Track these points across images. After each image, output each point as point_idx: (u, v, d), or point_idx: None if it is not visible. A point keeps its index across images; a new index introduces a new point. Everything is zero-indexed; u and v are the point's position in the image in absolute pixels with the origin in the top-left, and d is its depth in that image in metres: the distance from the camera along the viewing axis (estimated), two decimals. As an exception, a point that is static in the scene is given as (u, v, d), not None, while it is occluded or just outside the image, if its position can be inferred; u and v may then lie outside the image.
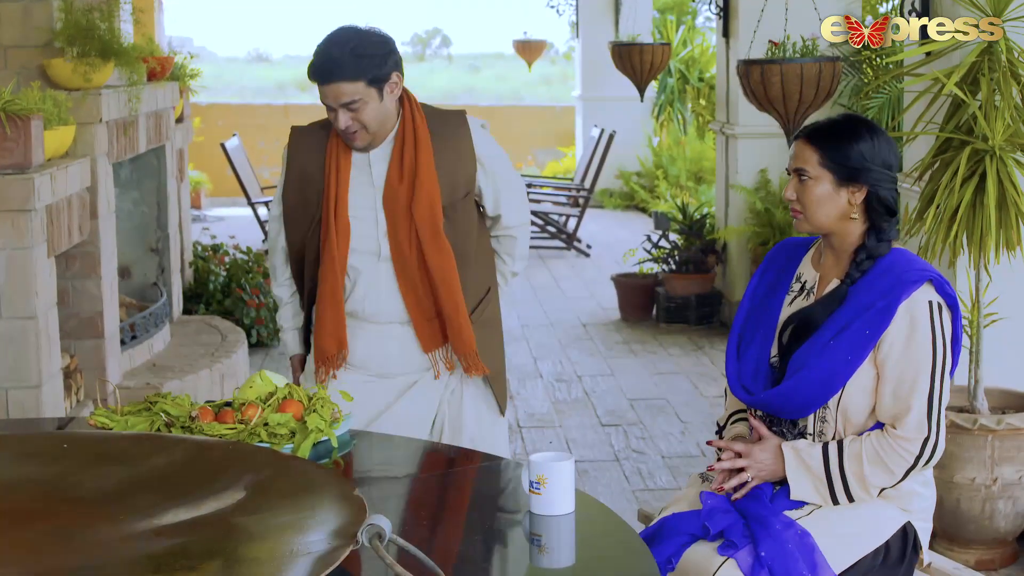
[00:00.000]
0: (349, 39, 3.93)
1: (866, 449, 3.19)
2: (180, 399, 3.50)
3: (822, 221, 3.33)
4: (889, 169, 3.29)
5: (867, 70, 8.78)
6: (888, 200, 3.28)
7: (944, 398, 3.20)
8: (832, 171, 3.28)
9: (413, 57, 49.84)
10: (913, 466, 3.20)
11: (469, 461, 3.43)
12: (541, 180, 14.84)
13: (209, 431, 3.31)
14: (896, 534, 3.30)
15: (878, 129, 3.32)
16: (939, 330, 3.18)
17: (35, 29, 6.32)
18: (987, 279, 4.76)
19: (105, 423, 3.41)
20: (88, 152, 6.32)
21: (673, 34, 15.78)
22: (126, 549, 2.56)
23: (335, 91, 3.92)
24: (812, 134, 3.32)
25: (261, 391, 3.51)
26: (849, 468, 3.21)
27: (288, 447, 3.31)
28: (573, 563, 2.88)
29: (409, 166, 4.00)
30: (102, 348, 6.60)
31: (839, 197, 3.28)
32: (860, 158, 3.26)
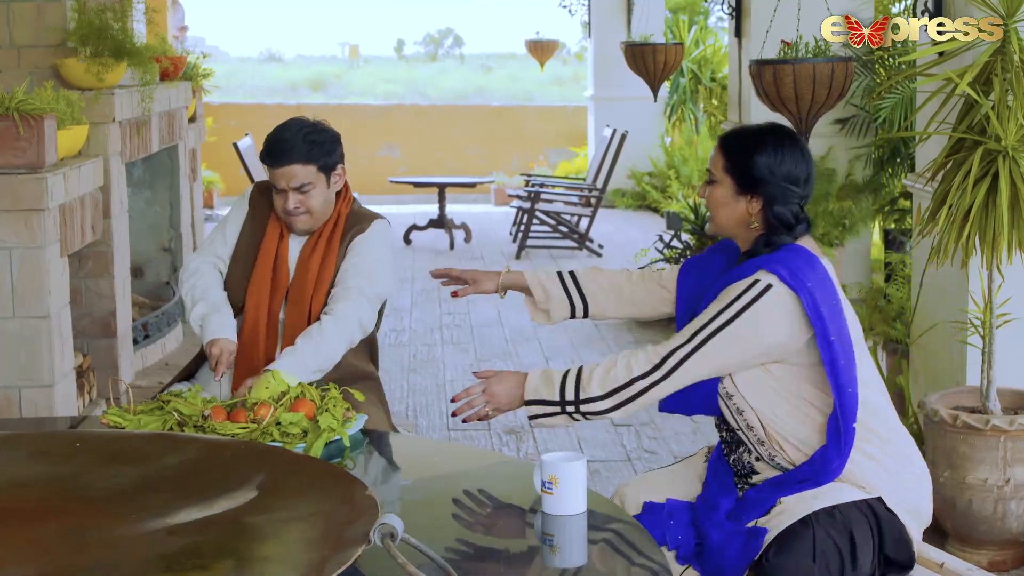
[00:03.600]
0: (302, 127, 4.20)
1: (608, 359, 3.33)
2: (192, 398, 3.50)
3: (723, 224, 3.37)
4: (792, 184, 3.28)
5: (880, 70, 8.76)
6: (782, 215, 3.28)
7: (699, 360, 3.22)
8: (733, 178, 3.32)
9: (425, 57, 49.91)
10: (644, 376, 3.25)
11: (481, 460, 3.43)
12: (553, 180, 14.83)
13: (221, 430, 3.32)
14: (865, 513, 3.24)
15: (789, 143, 3.31)
16: (740, 302, 3.18)
17: (48, 29, 6.34)
18: (999, 279, 4.76)
19: (118, 422, 3.41)
20: (101, 152, 6.33)
21: (685, 34, 15.77)
22: (138, 548, 2.57)
23: (288, 173, 4.17)
24: (725, 138, 3.37)
25: (274, 390, 3.52)
26: (592, 365, 3.31)
27: (300, 446, 3.31)
28: (585, 563, 2.88)
29: (320, 250, 4.24)
30: (115, 347, 6.62)
31: (738, 204, 3.32)
32: (759, 169, 3.27)
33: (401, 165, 18.46)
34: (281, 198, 4.17)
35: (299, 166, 4.15)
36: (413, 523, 2.89)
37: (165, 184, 8.07)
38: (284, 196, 4.17)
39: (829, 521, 3.19)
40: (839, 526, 3.19)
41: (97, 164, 5.83)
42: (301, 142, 4.15)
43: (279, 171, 4.15)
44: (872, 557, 3.22)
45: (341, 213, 4.29)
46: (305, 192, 4.17)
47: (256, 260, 4.27)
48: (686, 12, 16.53)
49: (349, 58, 49.14)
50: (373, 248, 4.28)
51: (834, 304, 3.22)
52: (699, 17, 16.53)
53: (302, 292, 4.22)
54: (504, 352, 8.42)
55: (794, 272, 3.18)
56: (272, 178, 4.17)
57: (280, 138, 4.16)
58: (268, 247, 4.27)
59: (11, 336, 5.16)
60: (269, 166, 4.16)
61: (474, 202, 17.03)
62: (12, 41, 6.34)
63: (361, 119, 18.99)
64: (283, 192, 4.16)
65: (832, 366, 3.18)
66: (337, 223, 4.28)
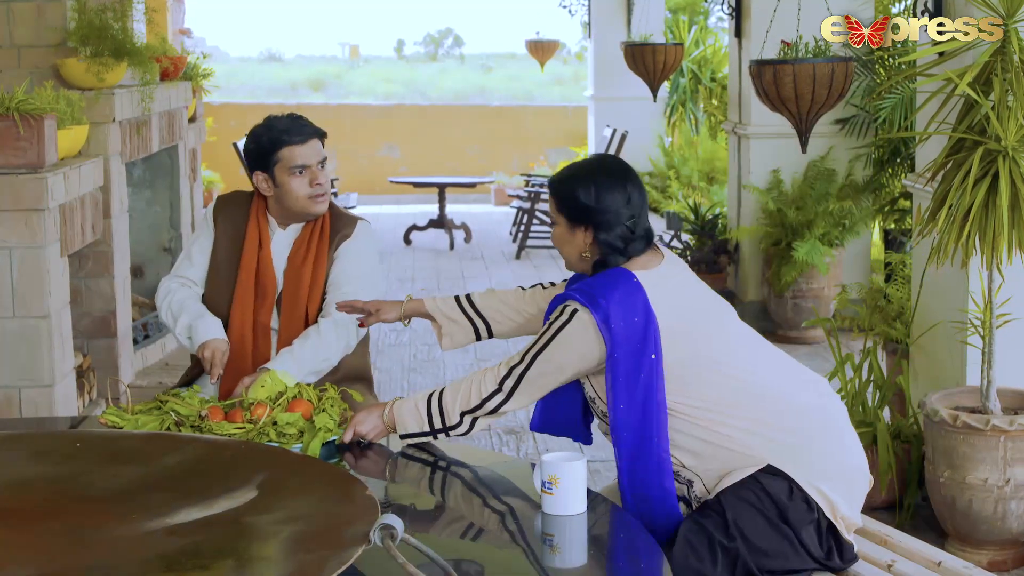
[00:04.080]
0: (292, 114, 4.27)
1: (464, 381, 3.42)
2: (190, 398, 3.51)
3: (569, 260, 3.54)
4: (612, 209, 3.42)
5: (880, 70, 8.77)
6: (609, 241, 3.42)
7: (528, 383, 3.35)
8: (563, 214, 3.48)
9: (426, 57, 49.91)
10: (490, 399, 3.36)
11: (481, 460, 3.43)
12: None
13: (219, 430, 3.33)
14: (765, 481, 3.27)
15: (605, 173, 3.47)
16: (552, 328, 3.34)
17: (48, 29, 6.34)
18: (999, 279, 4.76)
19: (116, 422, 3.42)
20: (101, 152, 6.33)
21: (685, 34, 15.77)
22: (138, 548, 2.57)
23: (314, 147, 4.22)
24: (552, 180, 3.54)
25: (271, 390, 3.52)
26: (446, 392, 3.42)
27: (297, 447, 3.31)
28: (585, 563, 2.88)
29: (312, 253, 4.24)
30: (115, 347, 6.62)
31: (574, 238, 3.48)
32: (580, 202, 3.43)
33: (401, 165, 18.46)
34: (306, 180, 4.17)
35: (317, 140, 4.22)
36: (413, 523, 2.89)
37: (165, 184, 8.07)
38: (310, 173, 4.17)
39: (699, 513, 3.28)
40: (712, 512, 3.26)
41: (97, 164, 5.83)
42: (306, 120, 4.23)
43: (305, 146, 4.17)
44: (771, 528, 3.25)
45: (324, 215, 4.29)
46: (324, 168, 4.21)
47: (238, 270, 4.25)
48: (686, 12, 16.53)
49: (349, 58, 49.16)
50: (362, 253, 4.31)
51: (634, 320, 3.31)
52: (699, 17, 16.53)
53: (296, 299, 4.21)
54: (503, 351, 8.42)
55: (591, 294, 3.32)
56: (295, 159, 4.16)
57: (289, 120, 4.20)
58: (249, 256, 4.24)
59: (11, 336, 5.16)
60: (295, 144, 4.15)
61: (474, 202, 17.03)
62: (12, 41, 6.34)
63: (361, 119, 19.00)
64: (306, 170, 4.16)
65: (613, 377, 3.29)
66: (323, 227, 4.27)
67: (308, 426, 3.39)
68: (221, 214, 4.33)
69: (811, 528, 3.28)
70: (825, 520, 3.30)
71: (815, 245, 8.22)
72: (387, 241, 13.54)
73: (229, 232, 4.30)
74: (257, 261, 4.24)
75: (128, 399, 3.56)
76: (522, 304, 3.80)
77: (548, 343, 3.33)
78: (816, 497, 3.28)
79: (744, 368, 3.41)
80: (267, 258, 4.25)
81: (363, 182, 17.75)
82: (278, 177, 4.19)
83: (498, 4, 77.30)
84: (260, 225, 4.27)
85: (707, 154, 14.78)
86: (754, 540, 3.20)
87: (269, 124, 4.22)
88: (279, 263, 4.27)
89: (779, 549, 3.23)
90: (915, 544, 3.57)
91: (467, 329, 3.82)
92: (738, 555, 3.18)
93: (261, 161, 4.22)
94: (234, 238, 4.29)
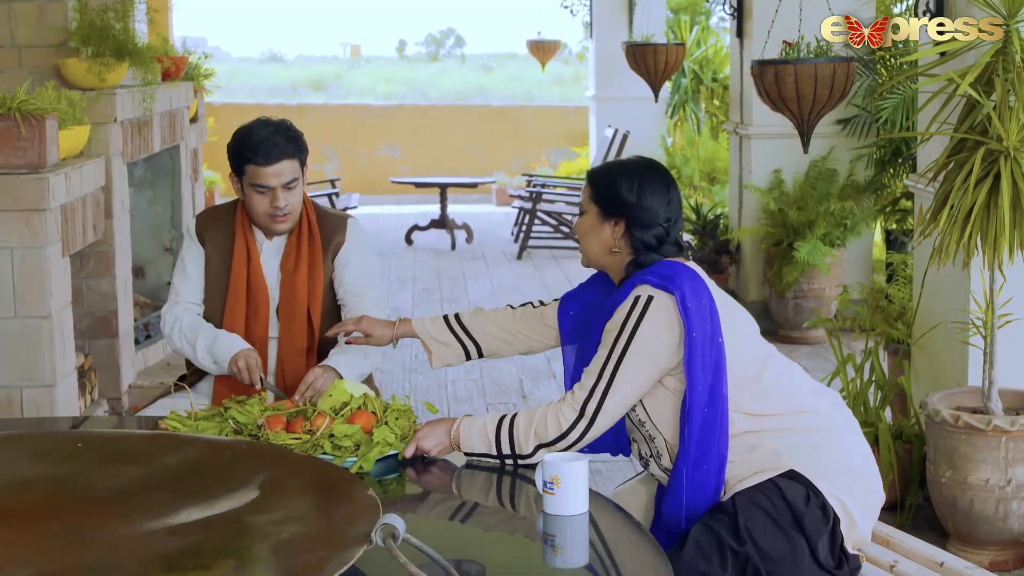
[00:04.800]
0: (276, 124, 4.16)
1: (538, 412, 3.30)
2: (252, 406, 3.45)
3: (591, 253, 3.51)
4: (652, 207, 3.41)
5: (881, 70, 8.76)
6: (645, 239, 3.41)
7: (617, 392, 3.28)
8: (597, 204, 3.46)
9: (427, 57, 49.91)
10: (566, 435, 3.27)
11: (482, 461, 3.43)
12: (555, 180, 14.83)
13: (275, 440, 3.26)
14: (786, 487, 3.26)
15: (649, 171, 3.46)
16: (632, 322, 3.27)
17: (50, 29, 6.34)
18: (1001, 280, 4.75)
19: (176, 427, 3.36)
20: (102, 152, 6.33)
21: (687, 34, 15.76)
22: (139, 548, 2.57)
23: (280, 170, 4.11)
24: (592, 171, 3.53)
25: (336, 400, 3.43)
26: (519, 421, 3.31)
27: (351, 460, 3.22)
28: (586, 563, 2.88)
29: (304, 258, 4.19)
30: (116, 347, 6.62)
31: (603, 230, 3.45)
32: (620, 193, 3.42)
33: (402, 165, 18.46)
34: (267, 199, 4.10)
35: (288, 162, 4.11)
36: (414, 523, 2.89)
37: (167, 184, 8.06)
38: (272, 195, 4.09)
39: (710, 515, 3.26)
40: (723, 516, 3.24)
41: (99, 164, 5.83)
42: (284, 138, 4.12)
43: (270, 169, 4.08)
44: (781, 536, 3.23)
45: (310, 217, 4.24)
46: (291, 188, 4.12)
47: (228, 286, 4.22)
48: (687, 12, 16.51)
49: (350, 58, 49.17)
50: (362, 254, 4.29)
51: (702, 302, 3.30)
52: (700, 17, 16.52)
53: (293, 307, 4.19)
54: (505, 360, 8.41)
55: (664, 277, 3.30)
56: (258, 178, 4.08)
57: (263, 136, 4.10)
58: (238, 271, 4.20)
59: (12, 336, 5.16)
60: (259, 165, 4.07)
61: (476, 202, 17.03)
62: (14, 41, 6.34)
63: (362, 119, 19.00)
64: (269, 192, 4.09)
65: (690, 356, 3.26)
66: (311, 230, 4.23)
67: (367, 439, 3.29)
68: (206, 232, 4.27)
69: (825, 538, 3.26)
70: (839, 532, 3.29)
71: (816, 245, 8.22)
72: (388, 241, 13.54)
73: (218, 248, 4.25)
74: (248, 275, 4.20)
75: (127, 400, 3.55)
76: (512, 324, 3.78)
77: (631, 340, 3.27)
78: (835, 506, 3.27)
79: (775, 376, 3.41)
80: (257, 271, 4.20)
81: (364, 182, 17.75)
82: (244, 188, 4.14)
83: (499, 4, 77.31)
84: (247, 238, 4.22)
85: (708, 154, 14.76)
86: (764, 545, 3.19)
87: (245, 135, 4.15)
88: (271, 273, 4.23)
89: (790, 556, 3.22)
90: (917, 544, 3.57)
91: (457, 351, 3.81)
92: (748, 559, 3.17)
93: (234, 167, 4.18)
94: (223, 254, 4.24)
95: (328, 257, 4.23)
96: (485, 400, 7.22)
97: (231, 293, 4.20)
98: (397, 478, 3.24)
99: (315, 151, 17.77)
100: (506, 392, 7.40)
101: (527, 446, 3.28)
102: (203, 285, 4.27)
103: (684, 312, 3.25)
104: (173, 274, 4.33)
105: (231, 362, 4.06)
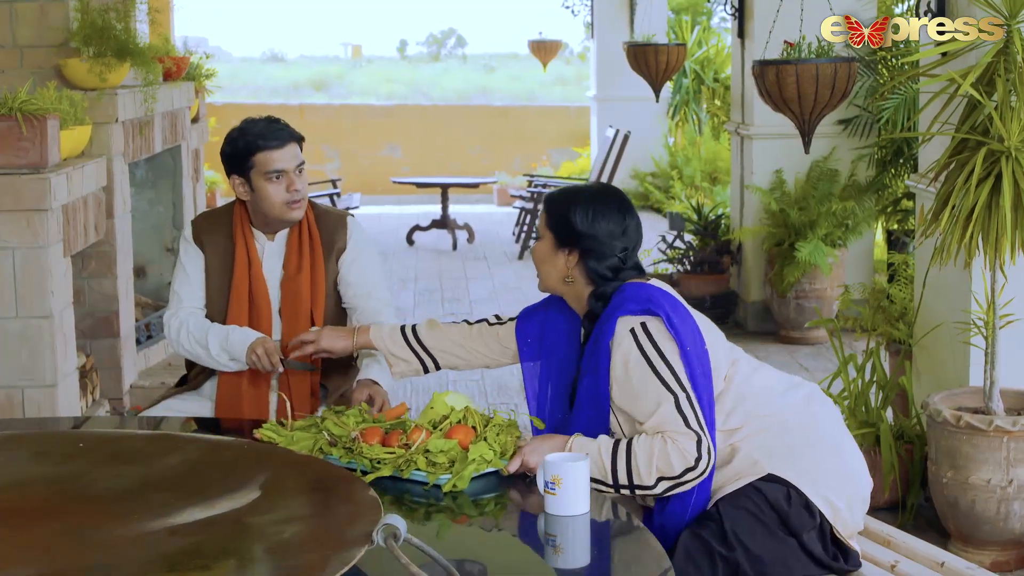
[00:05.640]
0: (269, 117, 4.19)
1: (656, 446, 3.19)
2: (347, 418, 3.37)
3: (546, 279, 3.49)
4: (607, 239, 3.39)
5: (883, 70, 8.76)
6: (598, 271, 3.39)
7: (695, 398, 3.24)
8: (552, 232, 3.44)
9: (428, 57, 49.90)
10: (695, 467, 3.19)
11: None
12: (556, 180, 14.83)
13: (368, 454, 3.17)
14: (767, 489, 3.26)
15: (605, 199, 3.44)
16: (651, 349, 3.25)
17: (51, 29, 6.34)
18: (1003, 280, 4.75)
19: (272, 437, 3.32)
20: (104, 152, 6.33)
21: (688, 34, 15.77)
22: (140, 548, 2.57)
23: (291, 152, 4.12)
24: (549, 196, 3.50)
25: (437, 414, 3.33)
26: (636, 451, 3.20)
27: (445, 477, 3.11)
28: (588, 563, 2.88)
29: (306, 259, 4.18)
30: (118, 347, 6.62)
31: (557, 259, 3.44)
32: (574, 224, 3.40)
33: (403, 165, 18.46)
34: (282, 186, 4.09)
35: (295, 145, 4.13)
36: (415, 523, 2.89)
37: (168, 184, 8.06)
38: (288, 180, 4.09)
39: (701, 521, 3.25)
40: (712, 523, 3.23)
41: (100, 164, 5.83)
42: (283, 125, 4.14)
43: (282, 151, 4.08)
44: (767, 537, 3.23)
45: (309, 217, 4.23)
46: (301, 172, 4.13)
47: (230, 291, 4.20)
48: (689, 12, 16.52)
49: (352, 58, 49.15)
50: (366, 253, 4.29)
51: (685, 314, 3.33)
52: (702, 17, 16.53)
53: (297, 308, 4.18)
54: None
55: (641, 301, 3.30)
56: (271, 164, 4.07)
57: (264, 124, 4.13)
58: (240, 276, 4.19)
59: (13, 336, 5.16)
60: (272, 149, 4.07)
61: (477, 202, 17.03)
62: (15, 41, 6.34)
63: (363, 119, 19.00)
64: (284, 177, 4.09)
65: (690, 371, 3.26)
66: (310, 230, 4.22)
67: (462, 456, 3.16)
68: (204, 236, 4.26)
69: (813, 533, 3.27)
70: (828, 524, 3.29)
71: (818, 245, 8.22)
72: (390, 241, 13.54)
73: (218, 253, 4.23)
74: (249, 278, 4.18)
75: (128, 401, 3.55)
76: (468, 341, 3.76)
77: (663, 356, 3.25)
78: (817, 502, 3.27)
79: (744, 379, 3.41)
80: (259, 274, 4.19)
81: (365, 182, 17.75)
82: (254, 182, 4.11)
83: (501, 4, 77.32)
84: (247, 241, 4.21)
85: (710, 154, 14.77)
86: (753, 549, 3.19)
87: (244, 128, 4.15)
88: (273, 275, 4.22)
89: (779, 557, 3.22)
90: (918, 545, 3.57)
91: (415, 365, 3.80)
92: (738, 565, 3.17)
93: (237, 165, 4.14)
94: (223, 258, 4.22)
95: (332, 257, 4.22)
96: (487, 400, 7.22)
97: (233, 297, 4.18)
98: (497, 497, 3.15)
99: (317, 151, 17.79)
100: (507, 392, 7.39)
101: (649, 478, 3.19)
102: (204, 289, 4.26)
103: (673, 330, 3.26)
104: (173, 280, 4.31)
105: (248, 351, 4.05)
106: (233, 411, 4.16)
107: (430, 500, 3.05)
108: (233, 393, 4.18)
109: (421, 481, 3.11)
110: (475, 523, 3.04)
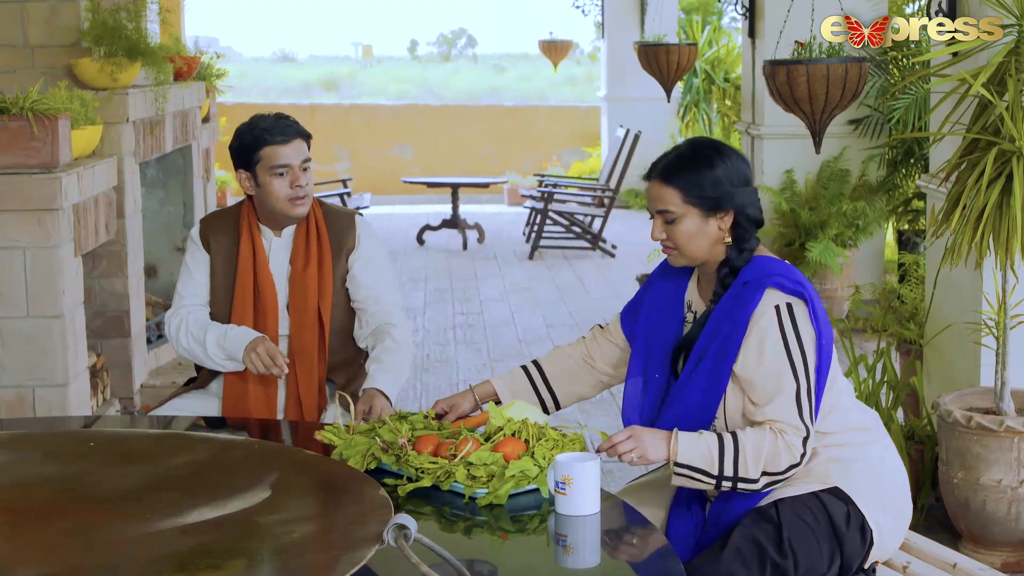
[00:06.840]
0: (278, 113, 4.20)
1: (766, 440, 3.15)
2: (402, 424, 3.32)
3: (697, 254, 3.34)
4: (748, 185, 3.32)
5: (893, 70, 8.75)
6: (755, 217, 3.32)
7: (815, 392, 3.20)
8: (696, 205, 3.28)
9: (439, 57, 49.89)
10: (799, 463, 3.17)
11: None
12: (567, 180, 14.84)
13: (415, 462, 3.11)
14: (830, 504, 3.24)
15: (724, 148, 3.34)
16: (791, 331, 3.19)
17: (62, 29, 6.35)
18: (1013, 280, 4.74)
19: (332, 440, 3.28)
20: (115, 151, 6.34)
21: (699, 34, 15.76)
22: (150, 547, 2.57)
23: (297, 148, 4.14)
24: (666, 173, 3.32)
25: (492, 426, 3.25)
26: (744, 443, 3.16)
27: (482, 491, 3.03)
28: (598, 563, 2.87)
29: (314, 255, 4.18)
30: (128, 347, 6.63)
31: (709, 227, 3.30)
32: (720, 185, 3.27)
33: (414, 165, 18.47)
34: (286, 181, 4.10)
35: (300, 140, 4.15)
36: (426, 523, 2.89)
37: (178, 184, 8.08)
38: (292, 175, 4.10)
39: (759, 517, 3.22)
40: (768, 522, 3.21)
41: (111, 164, 5.84)
42: (290, 121, 4.17)
43: (288, 146, 4.10)
44: (818, 548, 3.21)
45: (317, 215, 4.24)
46: (307, 169, 4.15)
47: (234, 287, 4.21)
48: (699, 12, 16.52)
49: (362, 58, 49.16)
50: (377, 253, 4.29)
51: (823, 311, 3.28)
52: (712, 17, 16.52)
53: (304, 304, 4.18)
54: (516, 352, 8.42)
55: (793, 282, 3.23)
56: (277, 158, 4.09)
57: (272, 120, 4.16)
58: (244, 271, 4.19)
59: (24, 335, 5.17)
60: (277, 144, 4.09)
61: (487, 202, 17.03)
62: (26, 41, 6.35)
63: (374, 119, 19.01)
64: (288, 171, 4.10)
65: (819, 364, 3.22)
66: (318, 226, 4.22)
67: (503, 470, 3.06)
68: (210, 236, 4.27)
69: (859, 559, 3.27)
70: (870, 553, 3.28)
71: (828, 246, 8.21)
72: (400, 241, 13.54)
73: (223, 252, 4.24)
74: (254, 275, 4.19)
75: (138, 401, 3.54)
76: (585, 349, 3.69)
77: (804, 346, 3.19)
78: (872, 526, 3.26)
79: (843, 389, 3.39)
80: (264, 268, 4.19)
81: (376, 182, 17.76)
82: (260, 176, 4.13)
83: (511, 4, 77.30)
84: (254, 238, 4.21)
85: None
86: (804, 562, 3.17)
87: (253, 122, 4.17)
88: (280, 271, 4.22)
89: (822, 571, 3.21)
90: (930, 546, 3.57)
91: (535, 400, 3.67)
92: (786, 574, 3.16)
93: (244, 159, 4.17)
94: (228, 257, 4.23)
95: (340, 256, 4.22)
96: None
97: (238, 291, 4.19)
98: (539, 514, 3.04)
99: (327, 151, 17.79)
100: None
101: (755, 472, 3.15)
102: (209, 289, 4.27)
103: (815, 318, 3.21)
104: (178, 280, 4.32)
105: (246, 351, 4.03)
106: (240, 410, 4.16)
107: (466, 513, 3.02)
108: (240, 392, 4.18)
109: (461, 493, 3.09)
110: (485, 523, 3.04)
